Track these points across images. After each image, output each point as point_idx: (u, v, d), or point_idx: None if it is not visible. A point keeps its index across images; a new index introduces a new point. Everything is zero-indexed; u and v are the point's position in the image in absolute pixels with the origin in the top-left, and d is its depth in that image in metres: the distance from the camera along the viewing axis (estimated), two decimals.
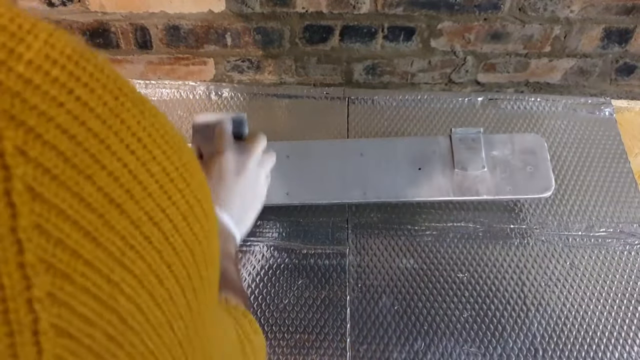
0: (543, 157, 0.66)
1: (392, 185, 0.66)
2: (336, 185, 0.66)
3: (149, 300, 0.19)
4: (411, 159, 0.67)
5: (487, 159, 0.66)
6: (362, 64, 0.83)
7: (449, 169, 0.66)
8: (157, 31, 0.78)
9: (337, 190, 0.66)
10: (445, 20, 0.76)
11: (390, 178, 0.66)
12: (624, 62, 0.84)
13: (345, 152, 0.68)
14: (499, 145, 0.68)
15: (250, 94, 0.79)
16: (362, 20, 0.76)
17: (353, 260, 0.65)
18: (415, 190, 0.66)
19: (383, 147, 0.68)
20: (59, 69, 0.16)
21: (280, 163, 0.63)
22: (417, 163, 0.67)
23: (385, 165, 0.67)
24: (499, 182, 0.65)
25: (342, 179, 0.66)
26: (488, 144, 0.67)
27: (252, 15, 0.75)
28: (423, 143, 0.69)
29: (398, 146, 0.68)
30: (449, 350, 0.59)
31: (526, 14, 0.75)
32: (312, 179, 0.67)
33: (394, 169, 0.67)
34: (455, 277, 0.64)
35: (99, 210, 0.17)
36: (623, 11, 0.75)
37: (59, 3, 0.75)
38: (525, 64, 0.84)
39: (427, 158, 0.67)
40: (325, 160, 0.68)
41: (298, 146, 0.69)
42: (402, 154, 0.68)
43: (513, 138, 0.68)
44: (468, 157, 0.67)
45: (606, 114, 0.77)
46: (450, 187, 0.65)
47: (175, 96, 0.79)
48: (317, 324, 0.61)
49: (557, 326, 0.61)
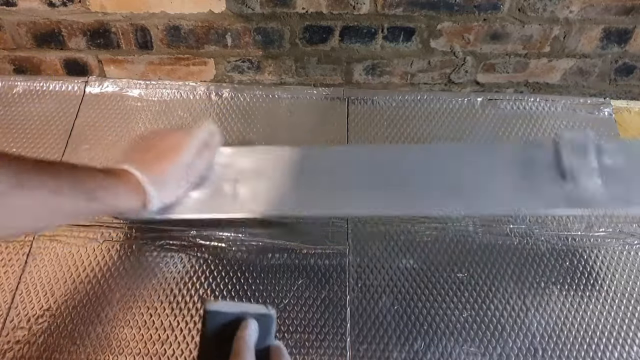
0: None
1: (496, 196, 0.60)
2: (434, 195, 0.60)
3: None
4: (516, 167, 0.62)
5: (600, 168, 0.60)
6: (362, 64, 0.83)
7: (557, 178, 0.60)
8: (157, 31, 0.78)
9: (435, 201, 0.60)
10: (444, 21, 0.76)
11: (494, 188, 0.61)
12: (623, 62, 0.84)
13: (442, 158, 0.63)
14: (612, 153, 0.61)
15: (251, 94, 0.79)
16: (362, 21, 0.76)
17: (353, 260, 0.65)
18: (520, 202, 0.60)
19: (485, 153, 0.63)
20: None
21: (373, 169, 0.60)
22: (522, 172, 0.61)
23: (489, 174, 0.61)
24: (613, 194, 0.59)
25: (439, 189, 0.61)
26: (599, 151, 0.61)
27: (252, 15, 0.75)
28: (527, 149, 0.63)
29: (502, 152, 0.63)
30: (449, 350, 0.59)
31: (525, 14, 0.75)
32: (413, 188, 0.61)
33: (498, 178, 0.61)
34: (455, 277, 0.64)
35: None
36: (622, 11, 0.76)
37: (60, 3, 0.75)
38: (524, 64, 0.84)
39: (532, 166, 0.61)
40: (418, 167, 0.62)
41: (384, 149, 0.65)
42: (506, 162, 0.62)
43: (628, 146, 0.63)
44: (578, 165, 0.61)
45: (605, 114, 0.77)
46: (559, 199, 0.59)
47: (176, 96, 0.79)
48: (317, 324, 0.61)
49: (557, 326, 0.61)
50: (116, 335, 0.59)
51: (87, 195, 0.47)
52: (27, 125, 0.76)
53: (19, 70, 0.86)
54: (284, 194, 0.60)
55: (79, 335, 0.59)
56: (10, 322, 0.60)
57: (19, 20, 0.77)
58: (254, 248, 0.65)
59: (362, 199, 0.60)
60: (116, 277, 0.63)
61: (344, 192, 0.61)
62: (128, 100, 0.79)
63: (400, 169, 0.63)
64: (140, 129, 0.76)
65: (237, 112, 0.78)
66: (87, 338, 0.59)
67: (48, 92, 0.80)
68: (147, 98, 0.79)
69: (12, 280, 0.63)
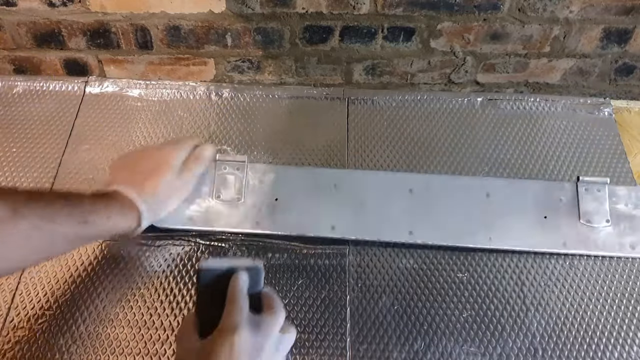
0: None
1: (518, 232, 0.64)
2: (461, 226, 0.64)
3: None
4: (538, 205, 0.65)
5: (611, 212, 0.65)
6: (362, 64, 0.84)
7: (574, 220, 0.65)
8: (157, 31, 0.78)
9: (461, 233, 0.64)
10: (444, 21, 0.76)
11: (517, 224, 0.64)
12: (623, 62, 0.84)
13: (471, 191, 0.66)
14: (623, 198, 0.66)
15: (251, 94, 0.80)
16: (362, 21, 0.76)
17: (353, 260, 0.65)
18: (541, 240, 0.64)
19: (510, 188, 0.66)
20: None
21: (403, 194, 0.64)
22: (543, 210, 0.65)
23: (512, 210, 0.65)
24: (622, 239, 0.64)
25: (467, 220, 0.65)
26: (612, 196, 0.66)
27: (252, 15, 0.75)
28: (549, 188, 0.67)
29: (525, 189, 0.66)
30: (449, 350, 0.59)
31: (525, 14, 0.75)
32: (435, 217, 0.65)
33: (521, 215, 0.65)
34: (455, 277, 0.64)
35: None
36: (622, 11, 0.76)
37: (60, 3, 0.75)
38: (524, 64, 0.84)
39: (553, 206, 0.65)
40: (450, 197, 0.66)
41: (420, 179, 0.68)
42: (529, 199, 0.66)
43: (638, 191, 0.67)
44: (593, 208, 0.65)
45: (605, 114, 0.77)
46: (575, 240, 0.64)
47: (176, 96, 0.79)
48: (317, 323, 0.61)
49: (557, 326, 0.61)
50: (116, 335, 0.59)
51: (81, 219, 0.49)
52: (27, 125, 0.76)
53: (19, 70, 0.86)
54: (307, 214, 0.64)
55: (79, 335, 0.59)
56: (10, 322, 0.60)
57: (19, 20, 0.77)
58: (254, 248, 0.65)
59: (389, 224, 0.64)
60: (116, 277, 0.63)
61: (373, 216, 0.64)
62: (128, 100, 0.79)
63: (427, 196, 0.66)
64: (141, 128, 0.76)
65: (237, 112, 0.78)
66: (87, 338, 0.59)
67: (48, 92, 0.80)
68: (147, 98, 0.79)
69: (12, 280, 0.63)
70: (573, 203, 0.66)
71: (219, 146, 0.74)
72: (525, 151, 0.74)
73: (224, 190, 0.66)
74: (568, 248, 0.64)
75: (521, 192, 0.66)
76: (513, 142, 0.75)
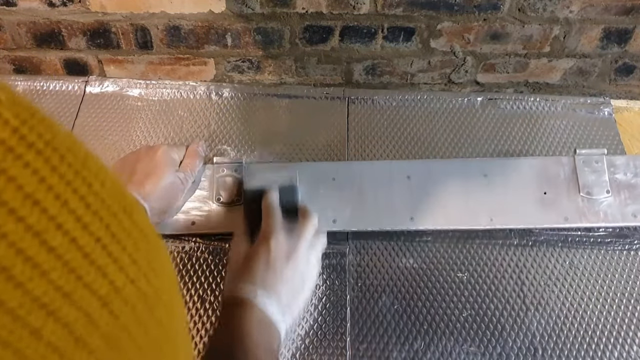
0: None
1: (519, 211, 0.63)
2: (462, 209, 0.63)
3: None
4: (536, 181, 0.64)
5: (610, 183, 0.64)
6: (362, 64, 0.83)
7: (574, 194, 0.64)
8: (157, 31, 0.78)
9: (462, 216, 0.63)
10: (444, 21, 0.76)
11: (517, 202, 0.63)
12: (623, 62, 0.84)
13: (468, 173, 0.65)
14: (622, 167, 0.65)
15: (251, 94, 0.80)
16: (362, 21, 0.76)
17: (353, 260, 0.65)
18: (542, 217, 0.63)
19: (507, 167, 0.65)
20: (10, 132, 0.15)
21: (401, 182, 0.64)
22: (542, 187, 0.64)
23: (511, 188, 0.64)
24: (623, 208, 0.63)
25: (465, 203, 0.64)
26: (610, 166, 0.65)
27: (252, 15, 0.75)
28: (547, 164, 0.66)
29: (522, 166, 0.65)
30: (449, 349, 0.59)
31: (525, 14, 0.75)
32: (435, 201, 0.64)
33: (520, 193, 0.64)
34: (455, 276, 0.64)
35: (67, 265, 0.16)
36: (622, 11, 0.76)
37: (60, 3, 0.75)
38: (524, 64, 0.84)
39: (552, 181, 0.64)
40: (448, 181, 0.65)
41: (417, 165, 0.67)
42: (527, 176, 0.65)
43: (636, 160, 0.66)
44: (593, 180, 0.64)
45: (605, 114, 0.77)
46: (577, 214, 0.63)
47: (176, 96, 0.79)
48: (317, 323, 0.61)
49: (557, 325, 0.61)
50: None
51: None
52: None
53: (19, 70, 0.86)
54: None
55: None
56: None
57: (19, 20, 0.77)
58: None
59: (390, 213, 0.64)
60: None
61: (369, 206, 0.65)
62: (128, 100, 0.79)
63: (425, 181, 0.66)
64: (141, 128, 0.76)
65: (237, 112, 0.78)
66: None
67: (48, 92, 0.80)
68: (147, 98, 0.79)
69: None
70: (572, 177, 0.65)
71: (219, 146, 0.74)
72: (525, 151, 0.74)
73: (223, 193, 0.66)
74: (570, 222, 0.63)
75: (518, 170, 0.65)
76: (513, 142, 0.75)
